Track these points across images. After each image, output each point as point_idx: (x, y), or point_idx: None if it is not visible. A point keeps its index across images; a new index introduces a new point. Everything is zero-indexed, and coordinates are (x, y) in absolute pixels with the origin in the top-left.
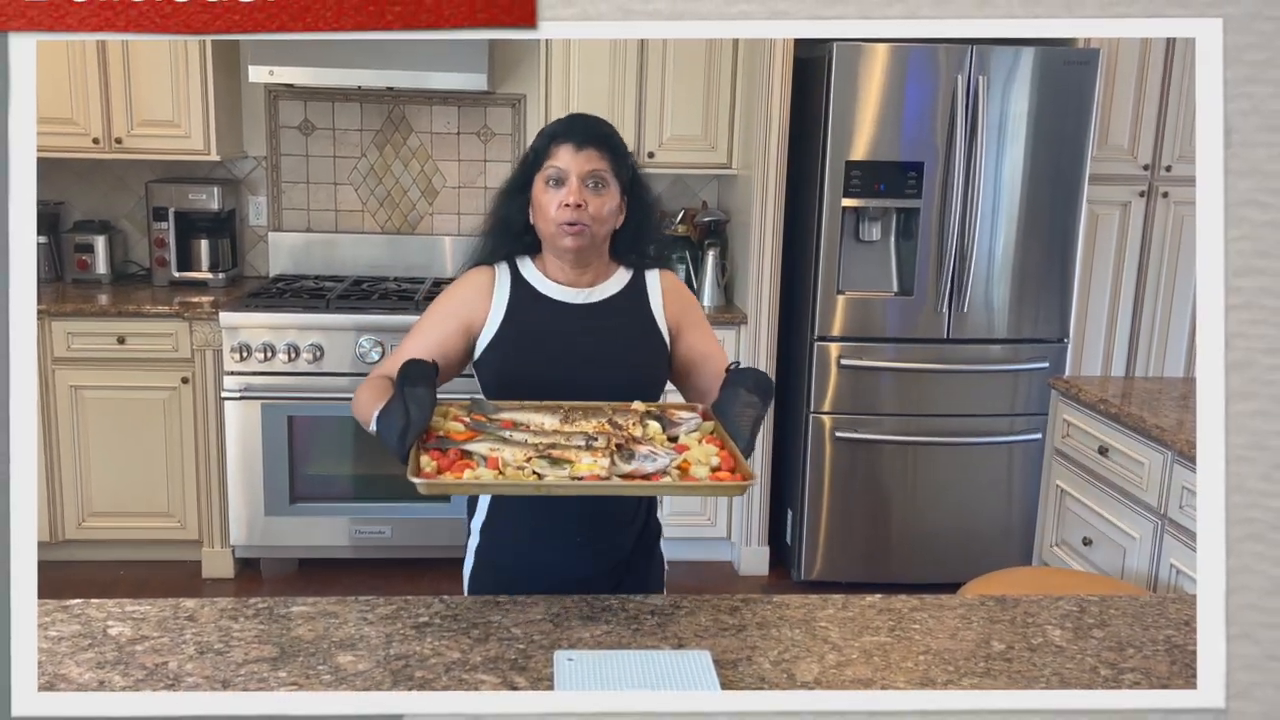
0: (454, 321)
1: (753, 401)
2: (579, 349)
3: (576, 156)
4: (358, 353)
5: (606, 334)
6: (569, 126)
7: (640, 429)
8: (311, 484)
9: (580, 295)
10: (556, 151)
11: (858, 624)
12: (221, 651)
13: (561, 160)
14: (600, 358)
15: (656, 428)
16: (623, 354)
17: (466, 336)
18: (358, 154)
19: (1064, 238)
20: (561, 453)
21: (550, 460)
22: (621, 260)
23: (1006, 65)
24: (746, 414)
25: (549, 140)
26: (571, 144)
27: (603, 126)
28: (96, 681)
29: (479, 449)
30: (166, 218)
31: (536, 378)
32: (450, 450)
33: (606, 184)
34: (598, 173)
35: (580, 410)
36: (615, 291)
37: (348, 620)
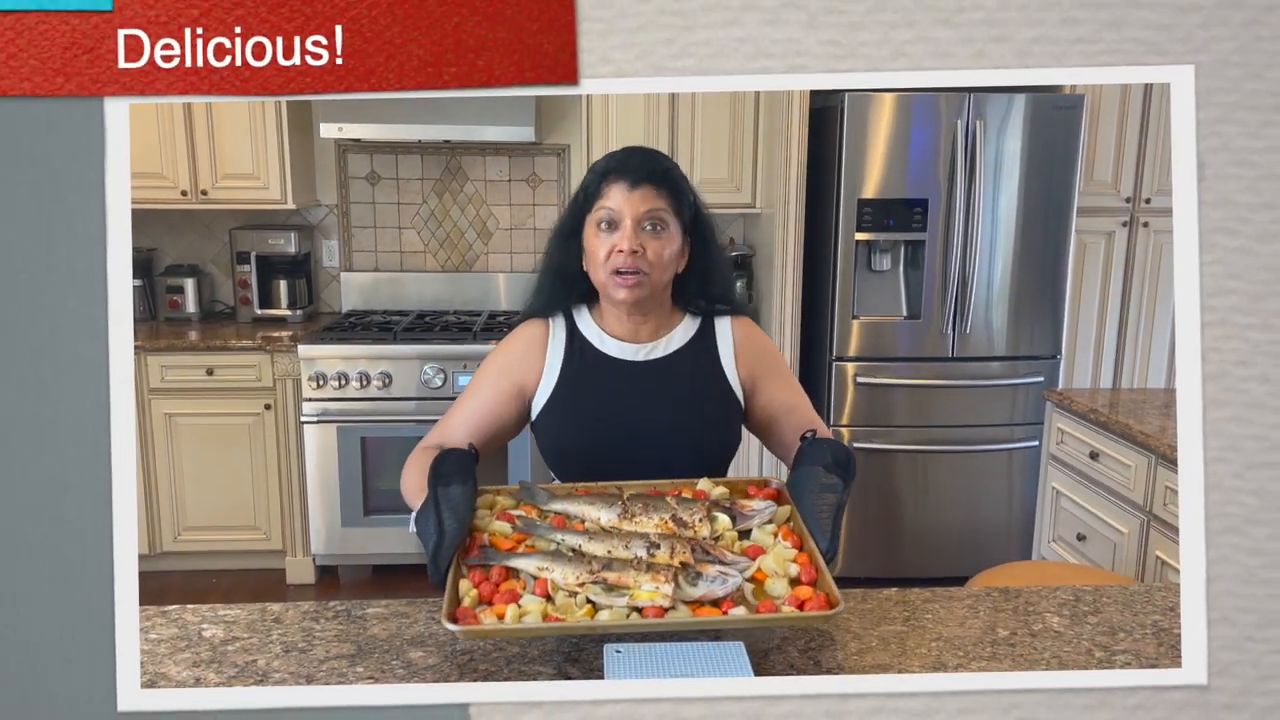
0: (505, 382)
1: (832, 484)
2: (640, 414)
3: (631, 196)
4: (422, 379)
5: (670, 396)
6: (622, 162)
7: (707, 525)
8: (383, 498)
9: (641, 351)
10: (608, 191)
11: (876, 615)
12: (305, 650)
13: (614, 201)
14: (664, 424)
15: (726, 523)
16: (688, 419)
17: (520, 398)
18: (419, 200)
19: (1055, 264)
20: (618, 577)
21: (605, 586)
22: (687, 308)
23: (1001, 111)
24: (825, 500)
25: (600, 178)
26: (625, 182)
27: (660, 160)
28: (193, 679)
29: (527, 567)
30: (249, 261)
31: (594, 447)
32: (494, 569)
33: (666, 225)
34: (655, 213)
35: (640, 501)
36: (680, 345)
37: (417, 620)
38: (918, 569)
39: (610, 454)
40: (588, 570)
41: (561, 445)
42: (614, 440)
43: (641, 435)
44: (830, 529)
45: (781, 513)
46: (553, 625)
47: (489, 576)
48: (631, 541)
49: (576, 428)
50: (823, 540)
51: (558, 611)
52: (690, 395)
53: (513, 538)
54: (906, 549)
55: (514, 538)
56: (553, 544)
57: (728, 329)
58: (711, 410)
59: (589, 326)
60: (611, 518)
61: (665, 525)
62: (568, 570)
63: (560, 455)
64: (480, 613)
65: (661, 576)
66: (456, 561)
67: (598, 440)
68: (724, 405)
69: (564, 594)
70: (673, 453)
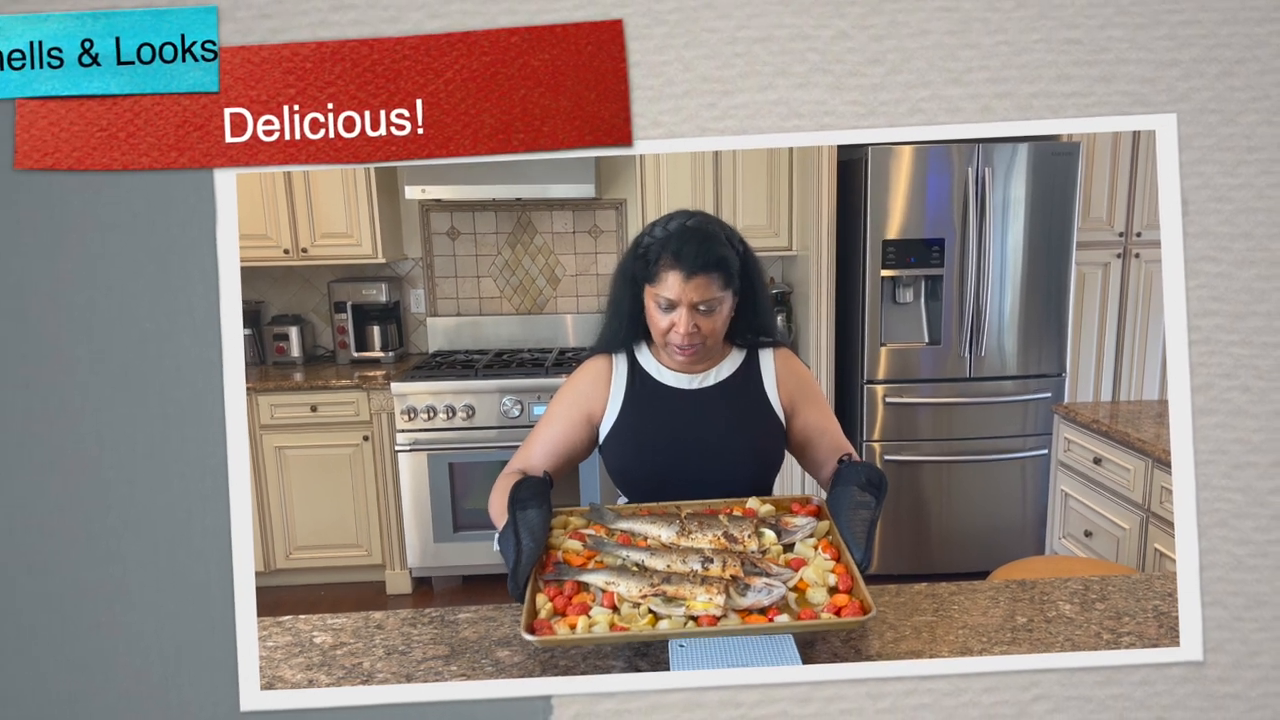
0: (576, 411)
1: (865, 501)
2: (695, 433)
3: (686, 286)
4: (502, 410)
5: (720, 420)
6: (677, 254)
7: (755, 540)
8: (470, 516)
9: (694, 381)
10: (666, 277)
11: (908, 607)
12: (404, 652)
13: (670, 290)
14: (716, 441)
15: (771, 538)
16: (737, 439)
17: (589, 425)
18: (495, 252)
19: (1058, 293)
20: (676, 589)
21: (665, 598)
22: (734, 340)
23: (1007, 158)
24: (860, 516)
25: (658, 259)
26: (681, 272)
27: (712, 250)
28: (306, 680)
29: (596, 581)
30: (345, 309)
31: (654, 466)
32: (566, 584)
33: (720, 303)
34: (709, 300)
35: (696, 520)
36: (729, 374)
37: (503, 623)
38: (944, 565)
39: (668, 471)
40: (649, 584)
41: (626, 465)
42: (672, 459)
43: (695, 454)
44: (865, 541)
45: (821, 527)
46: (618, 634)
47: (563, 590)
48: (688, 557)
49: (639, 449)
50: (858, 552)
51: (623, 621)
52: (738, 418)
53: (583, 554)
54: (934, 548)
55: (585, 554)
56: (619, 559)
57: (770, 360)
58: (757, 431)
59: (648, 360)
60: (671, 535)
61: (718, 541)
62: (631, 584)
63: (625, 474)
64: (555, 623)
65: (715, 588)
66: (534, 577)
67: (657, 459)
68: (768, 426)
69: (628, 605)
70: (723, 469)
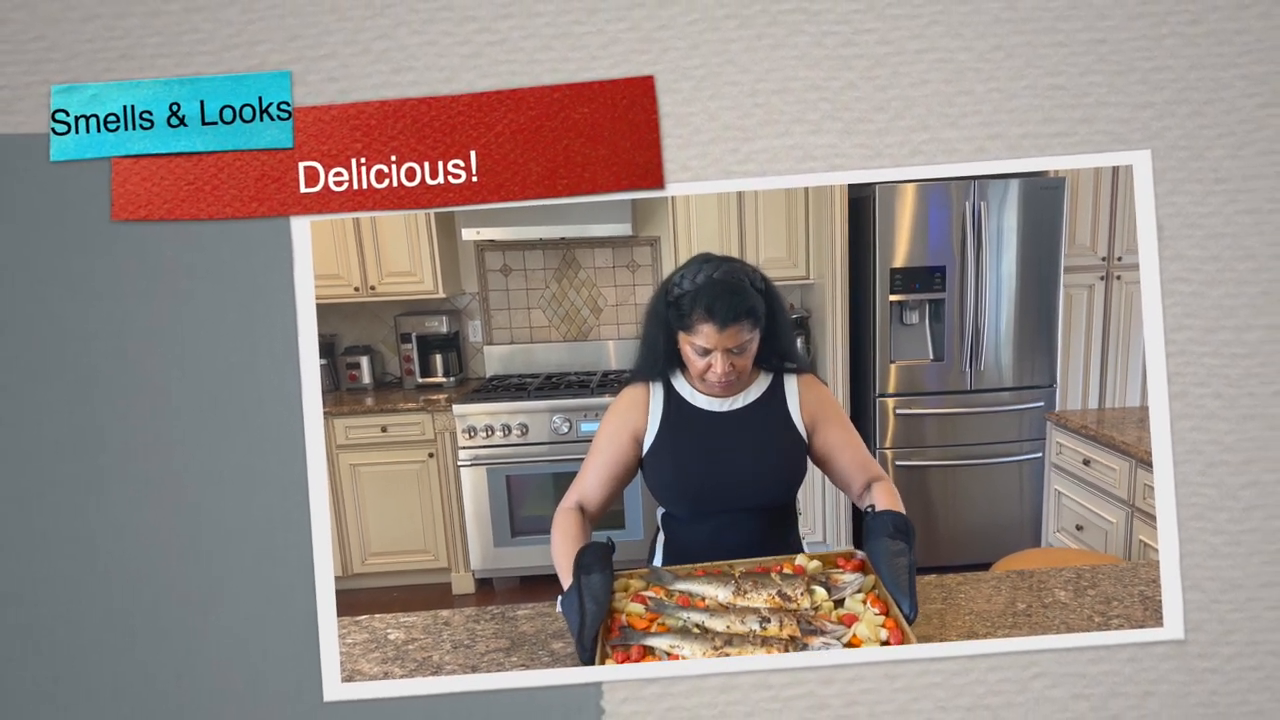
0: (624, 433)
1: (900, 549)
2: (727, 450)
3: (720, 335)
4: (552, 427)
5: (749, 436)
6: (709, 309)
7: (808, 598)
8: (526, 522)
9: (725, 404)
10: (700, 328)
11: (920, 596)
12: (469, 645)
13: (705, 340)
14: (746, 458)
15: (823, 594)
16: (763, 455)
17: (636, 444)
18: (543, 286)
19: (1048, 313)
20: (738, 650)
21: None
22: (761, 365)
23: (1000, 193)
24: (899, 564)
25: (690, 310)
26: (714, 324)
27: (743, 302)
28: (382, 673)
29: (661, 644)
30: (410, 340)
31: (692, 478)
32: (633, 648)
33: (750, 342)
34: (741, 344)
35: (750, 579)
36: (756, 397)
37: (558, 619)
38: (951, 558)
39: (703, 484)
40: (712, 646)
41: (664, 479)
42: (706, 474)
43: (727, 469)
44: (909, 590)
45: (867, 582)
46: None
47: (630, 654)
48: (746, 617)
49: (676, 465)
50: (904, 604)
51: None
52: (765, 436)
53: (646, 617)
54: (941, 543)
55: (647, 617)
56: (680, 621)
57: (794, 384)
58: (781, 447)
59: (683, 386)
60: (727, 595)
61: (773, 600)
62: (695, 646)
63: (664, 488)
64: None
65: (775, 649)
66: (601, 642)
67: (693, 474)
68: (791, 443)
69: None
70: (751, 481)
